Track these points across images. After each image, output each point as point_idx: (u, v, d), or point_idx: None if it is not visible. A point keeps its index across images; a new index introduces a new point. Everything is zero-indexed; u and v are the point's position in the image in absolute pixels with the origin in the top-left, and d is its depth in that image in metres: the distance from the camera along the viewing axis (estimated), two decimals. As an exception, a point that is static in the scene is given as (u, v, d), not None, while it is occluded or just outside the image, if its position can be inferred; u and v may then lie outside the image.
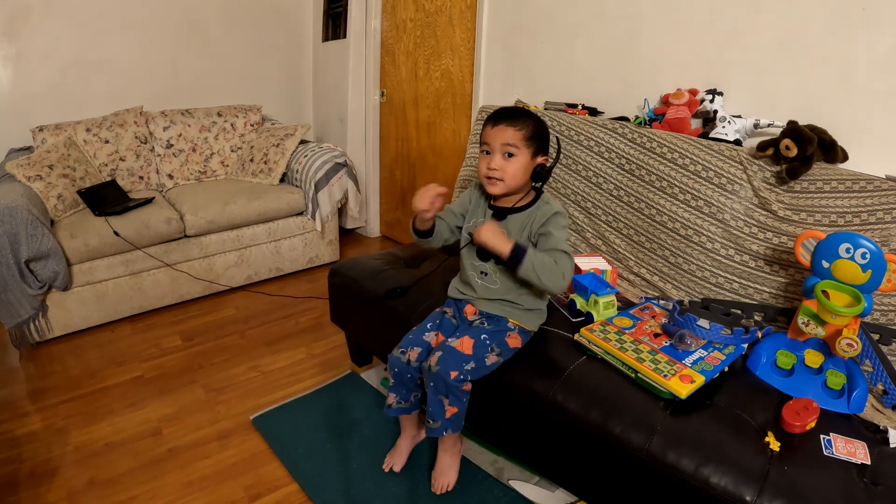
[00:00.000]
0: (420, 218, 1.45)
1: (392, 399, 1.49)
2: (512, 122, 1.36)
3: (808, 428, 1.14)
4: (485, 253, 1.42)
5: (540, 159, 1.41)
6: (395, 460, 1.57)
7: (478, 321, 1.46)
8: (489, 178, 1.38)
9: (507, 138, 1.35)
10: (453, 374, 1.31)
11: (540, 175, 1.42)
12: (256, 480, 1.56)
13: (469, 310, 1.49)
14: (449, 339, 1.38)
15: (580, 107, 2.15)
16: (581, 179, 1.95)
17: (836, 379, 1.25)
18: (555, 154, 1.52)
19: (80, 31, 2.81)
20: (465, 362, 1.33)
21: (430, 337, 1.46)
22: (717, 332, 1.33)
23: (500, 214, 1.44)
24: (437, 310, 1.56)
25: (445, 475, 1.49)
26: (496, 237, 1.32)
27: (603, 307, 1.51)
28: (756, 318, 1.50)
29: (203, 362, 2.14)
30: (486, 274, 1.46)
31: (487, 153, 1.39)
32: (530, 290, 1.44)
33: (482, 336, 1.38)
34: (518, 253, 1.29)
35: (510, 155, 1.36)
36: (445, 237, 1.54)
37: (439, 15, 2.82)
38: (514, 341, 1.41)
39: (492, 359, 1.36)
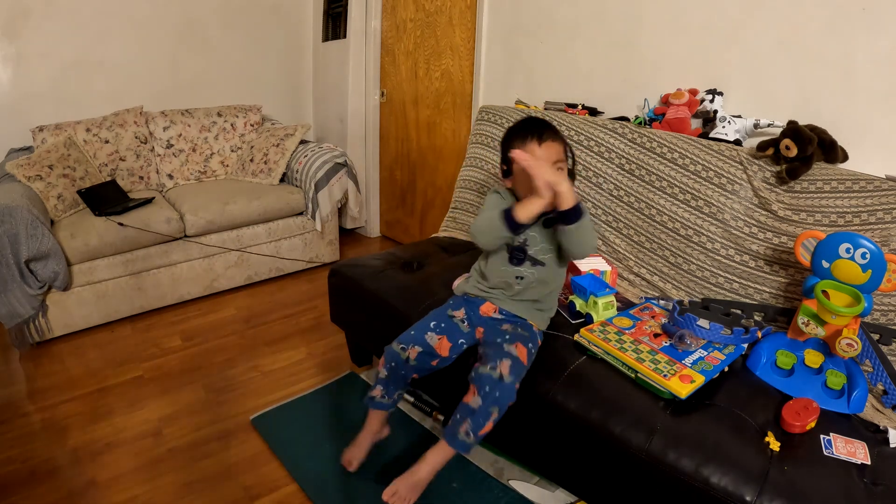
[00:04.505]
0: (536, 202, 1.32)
1: (378, 392, 1.46)
2: (554, 137, 1.39)
3: (808, 428, 1.14)
4: (518, 258, 1.42)
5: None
6: (355, 455, 1.50)
7: (507, 325, 1.42)
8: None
9: (557, 154, 1.37)
10: (517, 386, 1.29)
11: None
12: (256, 480, 1.56)
13: (487, 308, 1.47)
14: (507, 345, 1.33)
15: (580, 107, 2.15)
16: (581, 179, 1.95)
17: (836, 379, 1.25)
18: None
19: (80, 32, 2.81)
20: (524, 372, 1.32)
21: (433, 340, 1.42)
22: (717, 332, 1.33)
23: (548, 222, 1.41)
24: (440, 309, 1.52)
25: (413, 489, 1.32)
26: (568, 187, 1.28)
27: (602, 308, 1.51)
28: (756, 318, 1.50)
29: (203, 362, 2.13)
30: (522, 279, 1.44)
31: None
32: (554, 292, 1.46)
33: (529, 345, 1.36)
34: (580, 208, 1.29)
35: (559, 169, 1.37)
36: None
37: (439, 15, 2.82)
38: (539, 344, 1.42)
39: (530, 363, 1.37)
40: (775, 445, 1.09)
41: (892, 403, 1.27)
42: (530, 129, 1.39)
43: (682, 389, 1.19)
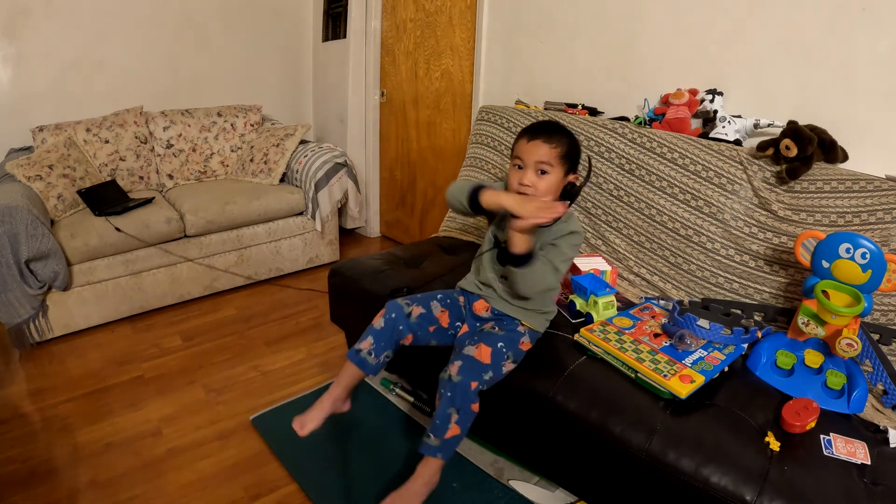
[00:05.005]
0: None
1: (367, 344, 1.37)
2: (548, 139, 1.33)
3: (808, 428, 1.14)
4: (503, 258, 1.38)
5: (570, 177, 1.38)
6: (311, 419, 1.35)
7: (489, 324, 1.43)
8: (520, 193, 1.34)
9: (542, 155, 1.32)
10: (474, 385, 1.28)
11: (569, 194, 1.37)
12: (256, 480, 1.56)
13: (480, 306, 1.47)
14: (466, 347, 1.35)
15: (580, 107, 2.15)
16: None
17: (836, 379, 1.25)
18: (585, 173, 1.46)
19: (80, 32, 2.81)
20: (484, 372, 1.31)
21: (437, 309, 1.44)
22: (717, 332, 1.33)
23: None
24: (449, 290, 1.53)
25: (405, 499, 1.26)
26: (523, 239, 1.27)
27: (602, 307, 1.51)
28: (756, 318, 1.50)
29: (203, 362, 2.13)
30: (506, 279, 1.42)
31: (519, 167, 1.35)
32: (546, 294, 1.43)
33: (499, 344, 1.34)
34: (530, 257, 1.29)
35: (543, 172, 1.33)
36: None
37: (439, 15, 2.82)
38: (525, 345, 1.41)
39: (507, 366, 1.36)
40: (775, 445, 1.09)
41: (892, 403, 1.27)
42: (532, 128, 1.37)
43: (682, 389, 1.19)
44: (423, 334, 1.43)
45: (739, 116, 1.75)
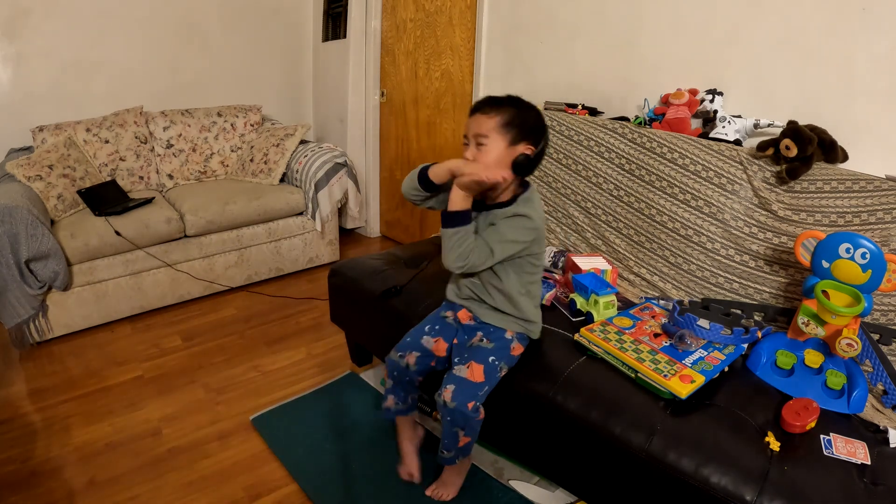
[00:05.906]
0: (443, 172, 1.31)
1: (391, 401, 1.50)
2: (486, 111, 1.29)
3: (808, 428, 1.14)
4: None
5: (522, 148, 1.29)
6: (410, 466, 1.52)
7: (477, 336, 1.42)
8: None
9: (478, 127, 1.29)
10: (470, 405, 1.29)
11: (522, 165, 1.29)
12: (256, 480, 1.56)
13: (464, 315, 1.46)
14: (456, 367, 1.34)
15: (580, 107, 2.15)
16: (581, 179, 1.95)
17: (836, 379, 1.25)
18: (541, 146, 1.36)
19: (80, 32, 2.81)
20: (479, 389, 1.31)
21: (430, 343, 1.44)
22: (717, 332, 1.33)
23: (477, 207, 1.35)
24: (435, 312, 1.53)
25: (447, 488, 1.47)
26: (460, 196, 1.26)
27: (603, 307, 1.51)
28: (756, 318, 1.50)
29: (203, 362, 2.13)
30: (477, 282, 1.42)
31: (466, 145, 1.33)
32: (527, 299, 1.40)
33: (490, 359, 1.34)
34: (463, 218, 1.26)
35: (480, 145, 1.29)
36: (433, 204, 1.42)
37: (439, 15, 2.82)
38: (517, 350, 1.40)
39: (502, 372, 1.36)
40: (775, 445, 1.09)
41: (892, 403, 1.27)
42: (476, 103, 1.33)
43: (682, 389, 1.19)
44: (427, 370, 1.47)
45: (739, 116, 1.75)
